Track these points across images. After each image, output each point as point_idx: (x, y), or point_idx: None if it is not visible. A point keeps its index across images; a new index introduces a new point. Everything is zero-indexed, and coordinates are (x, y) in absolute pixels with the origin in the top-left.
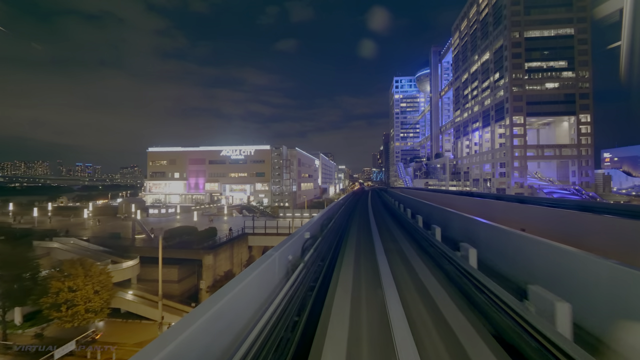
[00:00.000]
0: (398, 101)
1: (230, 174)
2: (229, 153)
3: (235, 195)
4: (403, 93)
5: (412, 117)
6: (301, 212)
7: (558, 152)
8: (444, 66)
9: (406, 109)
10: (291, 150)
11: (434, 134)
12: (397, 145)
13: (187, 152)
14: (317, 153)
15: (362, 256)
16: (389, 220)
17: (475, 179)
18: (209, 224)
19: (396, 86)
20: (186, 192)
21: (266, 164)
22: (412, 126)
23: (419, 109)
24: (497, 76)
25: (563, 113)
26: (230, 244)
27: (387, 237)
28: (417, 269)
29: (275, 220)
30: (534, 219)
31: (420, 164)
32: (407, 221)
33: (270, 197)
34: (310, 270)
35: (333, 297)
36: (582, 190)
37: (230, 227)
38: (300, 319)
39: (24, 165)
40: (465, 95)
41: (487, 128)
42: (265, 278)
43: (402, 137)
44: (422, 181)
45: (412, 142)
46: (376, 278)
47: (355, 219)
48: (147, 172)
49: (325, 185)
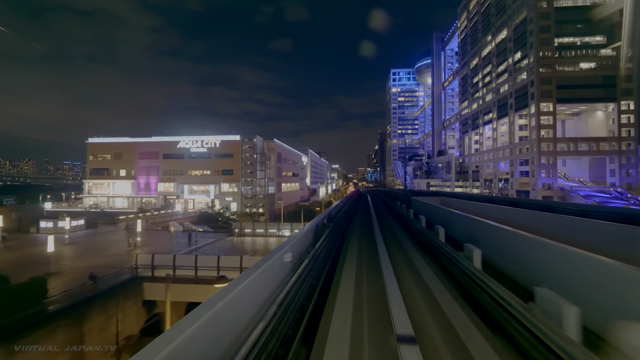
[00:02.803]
0: (395, 95)
1: (190, 171)
2: (188, 145)
3: (196, 199)
4: (401, 86)
5: (410, 113)
6: (279, 226)
7: (594, 146)
8: (447, 54)
9: (404, 103)
10: (268, 143)
11: (436, 129)
12: (395, 142)
13: (136, 143)
14: (306, 149)
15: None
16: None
17: (487, 179)
18: (113, 254)
19: (394, 79)
20: (134, 194)
21: (235, 159)
22: (411, 122)
23: (418, 103)
24: (518, 56)
25: (601, 99)
26: (74, 314)
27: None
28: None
29: (231, 238)
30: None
31: (421, 163)
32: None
33: (240, 202)
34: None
35: None
36: (627, 193)
37: (91, 274)
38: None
39: (8, 163)
40: (474, 83)
41: (504, 119)
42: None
43: (399, 133)
44: (423, 181)
45: (411, 140)
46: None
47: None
48: (87, 168)
49: (314, 186)
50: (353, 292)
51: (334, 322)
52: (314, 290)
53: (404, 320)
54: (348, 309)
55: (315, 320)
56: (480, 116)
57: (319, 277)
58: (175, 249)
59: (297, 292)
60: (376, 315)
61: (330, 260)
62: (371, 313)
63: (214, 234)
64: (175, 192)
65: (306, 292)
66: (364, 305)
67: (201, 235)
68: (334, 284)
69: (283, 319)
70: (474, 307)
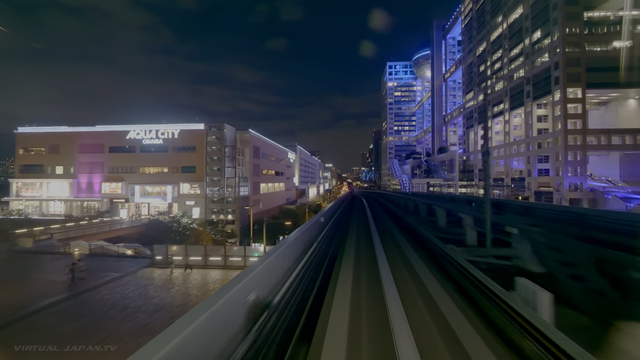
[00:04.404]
0: (392, 89)
1: (143, 168)
2: (140, 135)
3: (151, 202)
4: (397, 80)
5: (407, 108)
6: (244, 250)
7: (630, 139)
8: (448, 43)
9: (401, 98)
10: (242, 134)
11: (436, 124)
12: (391, 140)
13: (77, 134)
14: (294, 145)
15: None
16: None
17: (497, 178)
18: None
19: (390, 72)
20: (74, 196)
21: (198, 154)
22: (408, 118)
23: (415, 99)
24: (537, 35)
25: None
26: None
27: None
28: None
29: (151, 271)
30: None
31: (420, 161)
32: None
33: (204, 206)
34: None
35: None
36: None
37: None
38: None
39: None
40: (481, 72)
41: (519, 110)
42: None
43: (396, 130)
44: (423, 181)
45: (408, 137)
46: None
47: None
48: (16, 165)
49: (304, 186)
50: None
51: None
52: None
53: None
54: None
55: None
56: (489, 107)
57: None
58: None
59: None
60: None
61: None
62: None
63: (131, 260)
64: (124, 194)
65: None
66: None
67: (112, 263)
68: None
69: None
70: None
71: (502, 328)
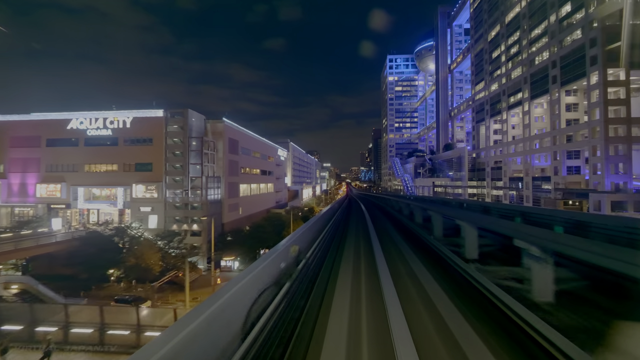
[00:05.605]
0: (392, 84)
1: (88, 165)
2: (84, 125)
3: (100, 209)
4: (399, 75)
5: (408, 104)
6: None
7: None
8: (455, 32)
9: (402, 93)
10: (214, 123)
11: (441, 119)
12: (391, 137)
13: (7, 124)
14: (286, 142)
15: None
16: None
17: (514, 177)
18: None
19: (390, 66)
20: (2, 201)
21: (156, 147)
22: (409, 114)
23: (417, 94)
24: (566, 10)
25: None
26: None
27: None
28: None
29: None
30: None
31: (423, 159)
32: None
33: (163, 213)
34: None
35: None
36: None
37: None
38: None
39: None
40: (494, 58)
41: (541, 99)
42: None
43: (397, 127)
44: (427, 181)
45: (409, 134)
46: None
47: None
48: None
49: (297, 187)
50: None
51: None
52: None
53: None
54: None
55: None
56: (503, 98)
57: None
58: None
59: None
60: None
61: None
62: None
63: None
64: (65, 198)
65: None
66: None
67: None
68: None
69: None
70: None
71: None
